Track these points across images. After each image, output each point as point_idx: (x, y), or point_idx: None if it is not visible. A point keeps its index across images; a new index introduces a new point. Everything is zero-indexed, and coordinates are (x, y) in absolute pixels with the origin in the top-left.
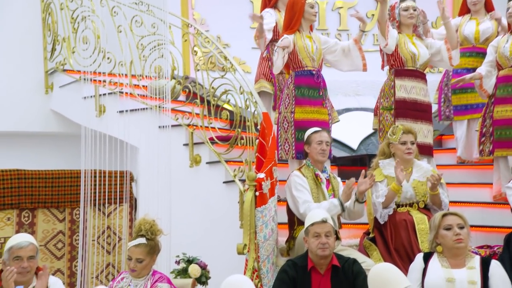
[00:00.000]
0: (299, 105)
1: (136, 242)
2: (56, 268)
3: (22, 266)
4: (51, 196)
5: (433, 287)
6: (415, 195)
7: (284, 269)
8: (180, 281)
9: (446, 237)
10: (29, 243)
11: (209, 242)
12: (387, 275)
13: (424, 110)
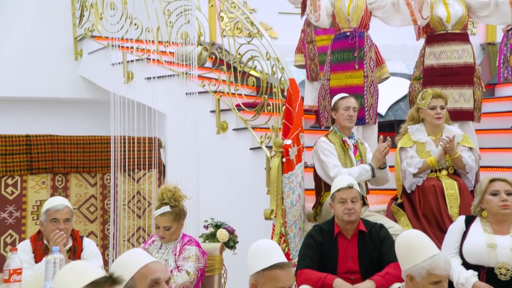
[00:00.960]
0: (333, 72)
1: (161, 211)
2: (89, 231)
3: (58, 228)
4: (82, 161)
5: (473, 251)
6: (445, 160)
7: (311, 234)
8: (208, 245)
9: (491, 202)
10: (64, 206)
11: (237, 207)
12: (415, 242)
13: (457, 73)
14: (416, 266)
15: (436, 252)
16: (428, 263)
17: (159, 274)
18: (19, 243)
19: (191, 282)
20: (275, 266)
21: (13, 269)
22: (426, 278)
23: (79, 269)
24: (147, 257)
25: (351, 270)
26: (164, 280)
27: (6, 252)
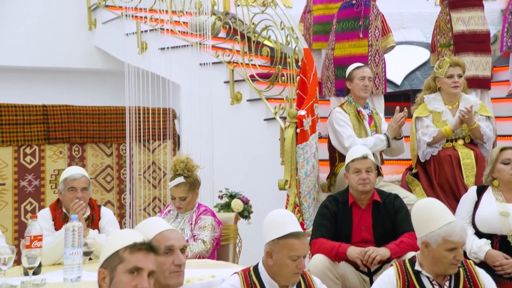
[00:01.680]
0: (338, 41)
1: (175, 182)
2: (106, 200)
3: (76, 196)
4: (98, 132)
5: (485, 220)
6: (461, 130)
7: (325, 204)
8: (223, 215)
9: (503, 171)
10: (82, 176)
11: (251, 178)
12: (431, 210)
13: (483, 41)
14: (432, 233)
15: (453, 220)
16: (444, 230)
17: (173, 241)
18: (39, 211)
19: (207, 251)
20: (290, 235)
21: (34, 235)
22: (442, 245)
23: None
24: (164, 225)
25: (365, 239)
26: (178, 247)
27: (26, 220)
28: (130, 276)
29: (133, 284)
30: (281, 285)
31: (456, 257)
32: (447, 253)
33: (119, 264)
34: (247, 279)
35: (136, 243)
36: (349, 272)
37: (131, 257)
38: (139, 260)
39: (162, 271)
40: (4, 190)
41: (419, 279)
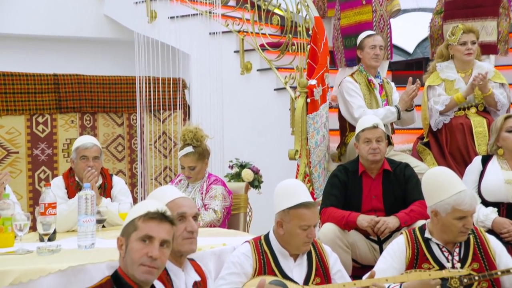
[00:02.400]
0: (342, 10)
1: (184, 151)
2: (118, 169)
3: (88, 165)
4: (109, 101)
5: (491, 189)
6: (474, 98)
7: (335, 173)
8: (234, 185)
9: (508, 139)
10: (93, 145)
11: (261, 148)
12: (442, 179)
13: (480, 5)
14: (442, 202)
15: (463, 189)
16: (453, 199)
17: (185, 208)
18: (52, 179)
19: (218, 220)
20: (301, 205)
21: (48, 203)
22: (451, 214)
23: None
24: (176, 193)
25: (376, 208)
26: (190, 215)
27: (40, 187)
28: (141, 243)
29: (144, 251)
30: (291, 254)
31: (466, 225)
32: (456, 221)
33: (133, 231)
34: (258, 248)
35: (149, 212)
36: (359, 240)
37: (144, 225)
38: (151, 229)
39: (175, 237)
40: (18, 158)
41: (428, 246)
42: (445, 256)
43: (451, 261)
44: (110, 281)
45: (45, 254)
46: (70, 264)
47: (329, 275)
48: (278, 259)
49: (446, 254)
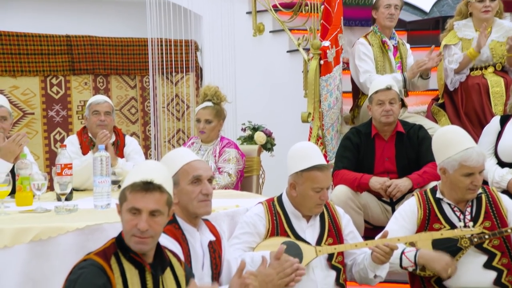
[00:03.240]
0: None
1: (204, 105)
2: (131, 131)
3: (100, 119)
4: (122, 63)
5: (508, 149)
6: (492, 57)
7: (348, 136)
8: (246, 147)
9: None
10: (104, 101)
11: (274, 110)
12: (450, 136)
13: None
14: (449, 159)
15: (471, 146)
16: (460, 155)
17: (201, 171)
18: (67, 137)
19: (232, 183)
20: (314, 168)
21: (64, 163)
22: (458, 170)
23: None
24: (191, 156)
25: (388, 170)
26: (206, 178)
27: (56, 148)
28: (131, 215)
29: (133, 223)
30: (304, 215)
31: (473, 182)
32: (464, 178)
33: (124, 202)
34: (271, 209)
35: (134, 183)
36: (371, 202)
37: (131, 197)
38: (137, 200)
39: (191, 199)
40: (34, 119)
41: (440, 206)
42: (456, 215)
43: (463, 220)
44: (114, 245)
45: (63, 213)
46: (87, 223)
47: (342, 236)
48: (291, 220)
49: (458, 213)
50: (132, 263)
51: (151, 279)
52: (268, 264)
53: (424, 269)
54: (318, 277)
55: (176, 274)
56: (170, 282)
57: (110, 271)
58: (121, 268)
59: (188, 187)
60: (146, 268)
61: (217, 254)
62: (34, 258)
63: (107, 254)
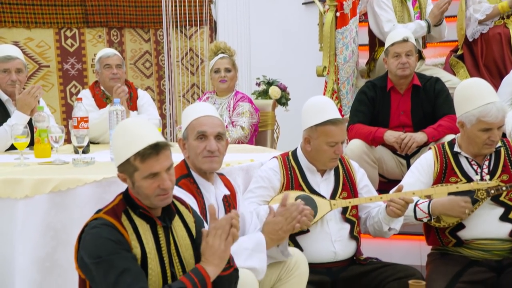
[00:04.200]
0: None
1: (220, 55)
2: (146, 86)
3: (112, 72)
4: (135, 16)
5: None
6: None
7: (363, 90)
8: (261, 102)
9: None
10: (114, 53)
11: (288, 65)
12: (471, 91)
13: None
14: (468, 113)
15: (492, 100)
16: (479, 110)
17: (206, 128)
18: (81, 91)
19: (245, 136)
20: (328, 122)
21: (81, 117)
22: (475, 125)
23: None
24: (205, 111)
25: (404, 124)
26: (211, 134)
27: (72, 102)
28: (150, 180)
29: (155, 186)
30: (319, 169)
31: (491, 137)
32: (481, 133)
33: (135, 172)
34: (285, 163)
35: (141, 150)
36: (386, 156)
37: (144, 165)
38: (152, 166)
39: (196, 155)
40: (49, 72)
41: (457, 160)
42: (473, 169)
43: (480, 174)
44: (122, 202)
45: (81, 165)
46: (105, 175)
47: (356, 189)
48: (306, 174)
49: (475, 167)
50: (143, 218)
51: (162, 232)
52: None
53: (439, 220)
54: (332, 229)
55: (186, 220)
56: (180, 230)
57: (122, 229)
58: (133, 225)
59: (194, 143)
60: (157, 223)
61: (232, 208)
62: (54, 208)
63: (116, 212)
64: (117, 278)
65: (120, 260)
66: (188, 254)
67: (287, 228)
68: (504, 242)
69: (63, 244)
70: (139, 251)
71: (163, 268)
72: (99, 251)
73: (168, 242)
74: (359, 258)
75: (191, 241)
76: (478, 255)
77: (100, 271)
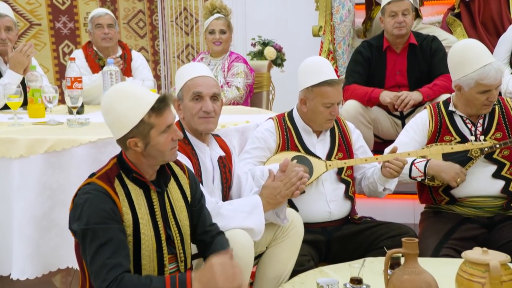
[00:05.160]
0: None
1: (216, 16)
2: (140, 46)
3: (103, 32)
4: None
5: None
6: None
7: (359, 50)
8: (256, 63)
9: None
10: (106, 13)
11: (284, 25)
12: (466, 53)
13: None
14: (466, 77)
15: (488, 62)
16: (477, 73)
17: (201, 88)
18: (74, 51)
19: (240, 97)
20: (324, 83)
21: (74, 77)
22: (474, 88)
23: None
24: (200, 71)
25: (399, 84)
26: (207, 95)
27: (65, 61)
28: (165, 134)
29: (169, 139)
30: (314, 130)
31: (489, 98)
32: (480, 95)
33: (151, 129)
34: (281, 124)
35: (157, 104)
36: (381, 116)
37: (161, 119)
38: (167, 118)
39: (192, 116)
40: (41, 30)
41: (452, 119)
42: (468, 127)
43: (474, 132)
44: (116, 166)
45: (75, 126)
46: (100, 136)
47: (352, 150)
48: (301, 135)
49: (470, 125)
50: (136, 183)
51: (156, 197)
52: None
53: (433, 179)
54: (327, 190)
55: (181, 183)
56: (175, 193)
57: (114, 195)
58: (126, 190)
59: (189, 103)
60: (151, 187)
61: (227, 169)
62: (50, 168)
63: (110, 176)
64: (97, 249)
65: (105, 232)
66: (183, 216)
67: (285, 193)
68: (495, 199)
69: (60, 204)
70: (130, 217)
71: (157, 232)
72: (87, 218)
73: (163, 205)
74: (353, 218)
75: (186, 203)
76: (470, 212)
77: (85, 239)
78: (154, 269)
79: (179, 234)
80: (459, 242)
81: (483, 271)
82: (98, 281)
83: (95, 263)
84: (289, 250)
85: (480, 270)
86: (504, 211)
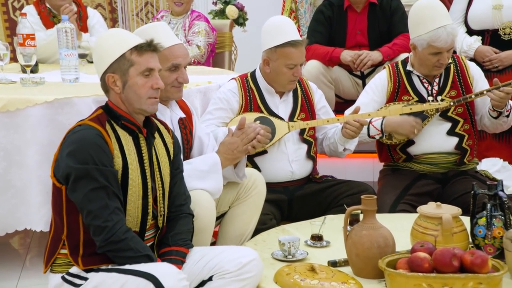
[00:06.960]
0: None
1: None
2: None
3: None
4: None
5: (478, 15)
6: None
7: (320, 9)
8: (218, 22)
9: None
10: None
11: None
12: (424, 13)
13: None
14: (419, 37)
15: (443, 24)
16: (429, 35)
17: (180, 60)
18: (25, 7)
19: (201, 56)
20: (288, 44)
21: (26, 34)
22: (426, 49)
23: (121, 34)
24: (171, 39)
25: (360, 43)
26: (184, 65)
27: (16, 17)
28: (144, 78)
29: (149, 85)
30: (277, 91)
31: (440, 60)
32: (431, 56)
33: (130, 67)
34: (244, 85)
35: (141, 44)
36: (342, 76)
37: (141, 59)
38: (149, 61)
39: (166, 84)
40: None
41: (410, 79)
42: (425, 87)
43: (430, 91)
44: (104, 113)
45: (29, 85)
46: (56, 96)
47: (314, 111)
48: (264, 96)
49: (426, 85)
50: (125, 130)
51: (145, 145)
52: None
53: (390, 137)
54: (290, 150)
55: (165, 140)
56: (161, 148)
57: (107, 136)
58: (116, 135)
59: (165, 73)
60: (142, 133)
61: (188, 130)
62: (3, 129)
63: (101, 120)
64: (95, 189)
65: (101, 175)
66: (166, 172)
67: (242, 148)
68: (450, 155)
69: (16, 165)
70: (120, 161)
71: (144, 180)
72: (85, 156)
73: (151, 155)
74: (315, 177)
75: (169, 161)
76: (426, 168)
77: (79, 178)
78: (138, 215)
79: (162, 188)
80: (415, 198)
81: (436, 224)
82: (99, 221)
83: (94, 203)
84: (252, 209)
85: (433, 223)
86: (457, 166)
